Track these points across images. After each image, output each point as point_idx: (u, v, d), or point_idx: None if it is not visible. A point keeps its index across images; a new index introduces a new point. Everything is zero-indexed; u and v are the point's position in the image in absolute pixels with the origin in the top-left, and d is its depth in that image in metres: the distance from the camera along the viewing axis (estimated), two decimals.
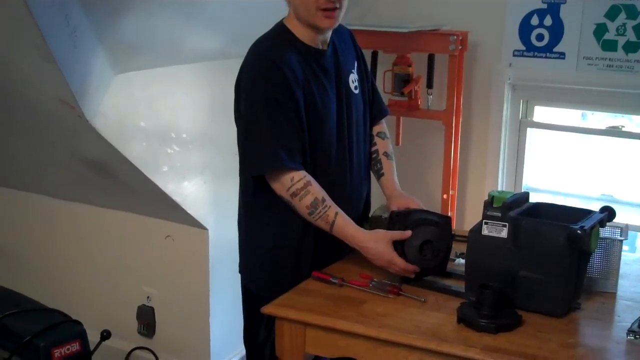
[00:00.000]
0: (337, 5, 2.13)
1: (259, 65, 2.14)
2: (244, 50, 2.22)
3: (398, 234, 2.13)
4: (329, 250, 2.26)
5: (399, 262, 2.10)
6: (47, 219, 3.49)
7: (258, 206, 2.25)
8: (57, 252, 3.50)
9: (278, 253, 2.25)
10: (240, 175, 2.27)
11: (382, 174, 2.44)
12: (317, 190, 2.12)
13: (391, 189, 2.41)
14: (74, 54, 2.36)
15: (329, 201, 2.13)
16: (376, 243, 2.13)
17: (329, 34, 2.24)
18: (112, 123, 2.69)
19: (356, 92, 2.33)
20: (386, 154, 2.46)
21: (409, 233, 2.14)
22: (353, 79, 2.32)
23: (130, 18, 2.49)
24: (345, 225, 2.14)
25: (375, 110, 2.46)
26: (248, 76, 2.15)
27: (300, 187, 2.10)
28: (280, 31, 2.20)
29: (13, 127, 2.94)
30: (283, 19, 2.23)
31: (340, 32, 2.33)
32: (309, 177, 2.13)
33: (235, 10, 2.84)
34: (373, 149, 2.45)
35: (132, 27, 2.53)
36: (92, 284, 3.43)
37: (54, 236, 3.49)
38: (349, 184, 2.31)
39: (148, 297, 3.31)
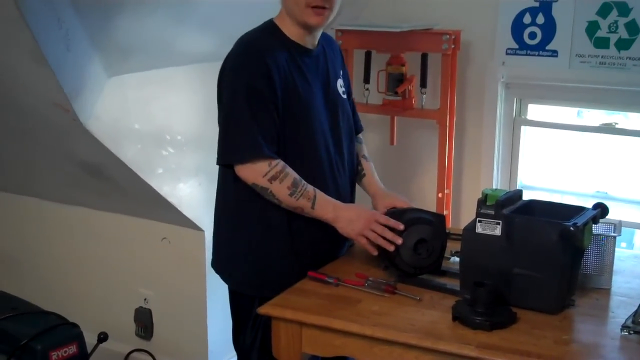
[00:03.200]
0: (327, 5, 2.15)
1: (243, 56, 2.15)
2: None
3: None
4: (312, 244, 2.25)
5: (381, 218, 2.13)
6: (42, 222, 3.49)
7: (238, 202, 2.22)
8: (54, 255, 3.51)
9: (262, 249, 2.23)
10: (219, 172, 2.27)
11: (364, 174, 2.46)
12: (294, 172, 2.14)
13: (375, 187, 2.43)
14: (67, 57, 2.37)
15: (304, 181, 2.14)
16: (357, 206, 2.22)
17: (318, 34, 2.26)
18: (107, 125, 2.70)
19: (344, 96, 2.35)
20: (364, 157, 2.49)
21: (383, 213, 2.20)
22: (340, 83, 2.35)
23: (123, 20, 2.49)
24: (327, 198, 2.17)
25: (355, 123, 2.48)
26: (231, 66, 2.16)
27: (279, 170, 2.11)
28: (268, 27, 2.22)
29: (7, 130, 2.95)
30: (273, 17, 2.25)
31: (331, 42, 2.37)
32: (281, 160, 2.13)
33: (228, 12, 2.84)
34: None
35: (125, 30, 2.54)
36: (89, 287, 3.43)
37: (50, 239, 3.50)
38: (341, 185, 2.32)
39: (145, 299, 3.31)
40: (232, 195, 2.24)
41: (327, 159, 2.26)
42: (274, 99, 2.11)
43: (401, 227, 2.13)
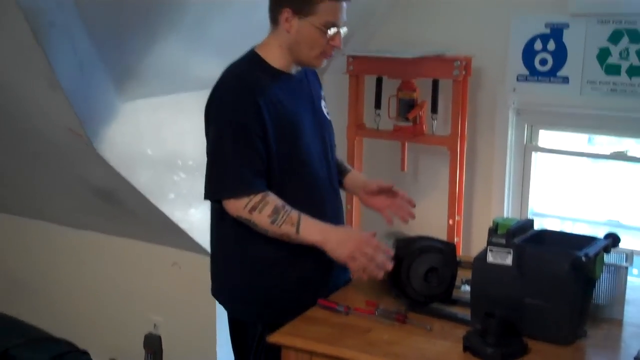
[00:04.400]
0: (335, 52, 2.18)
1: (230, 89, 2.15)
2: None
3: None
4: (315, 269, 2.24)
5: (373, 241, 2.07)
6: (53, 246, 3.50)
7: (236, 230, 2.20)
8: (64, 280, 3.51)
9: (262, 276, 2.22)
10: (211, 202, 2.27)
11: (349, 170, 2.49)
12: (275, 199, 2.10)
13: (361, 178, 2.48)
14: (81, 83, 2.39)
15: (288, 207, 2.10)
16: (347, 228, 2.16)
17: None
18: (119, 151, 2.71)
19: (329, 117, 2.36)
20: (343, 162, 2.52)
21: (373, 232, 2.12)
22: (324, 104, 2.36)
23: (137, 47, 2.52)
24: (313, 221, 2.11)
25: None
26: (219, 101, 2.15)
27: (258, 200, 2.08)
28: (253, 59, 2.22)
29: (21, 154, 2.97)
30: (254, 47, 2.24)
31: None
32: (266, 190, 2.11)
33: (240, 38, 2.85)
34: None
35: (139, 56, 2.56)
36: (99, 312, 3.44)
37: (61, 264, 3.51)
38: (337, 205, 2.33)
39: (155, 325, 3.31)
40: (229, 224, 2.21)
41: (322, 178, 2.27)
42: (261, 133, 2.10)
43: (392, 253, 2.09)
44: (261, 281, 2.23)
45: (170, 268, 3.20)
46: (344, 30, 2.18)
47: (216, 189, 2.16)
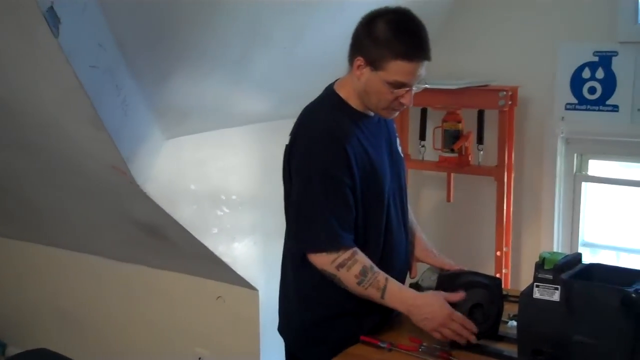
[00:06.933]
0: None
1: (317, 137, 2.07)
2: (293, 111, 2.21)
3: (450, 295, 2.10)
4: (375, 317, 2.21)
5: (458, 317, 2.04)
6: (100, 279, 3.55)
7: (315, 278, 2.15)
8: (110, 313, 3.55)
9: (324, 316, 2.20)
10: (287, 236, 2.24)
11: (414, 235, 2.41)
12: (364, 258, 2.08)
13: (425, 247, 2.40)
14: (125, 122, 2.42)
15: (376, 268, 2.08)
16: (432, 301, 2.08)
17: None
18: (163, 187, 2.73)
19: (402, 155, 2.34)
20: (412, 219, 2.45)
21: (461, 295, 2.09)
22: (399, 142, 2.34)
23: (180, 84, 2.54)
24: (398, 288, 2.09)
25: None
26: (305, 148, 2.09)
27: (347, 257, 2.05)
28: (334, 102, 2.15)
29: (67, 190, 3.02)
30: (333, 84, 2.19)
31: None
32: (355, 247, 2.08)
33: (283, 72, 2.87)
34: None
35: (182, 93, 2.58)
36: (145, 345, 3.45)
37: (107, 297, 3.54)
38: (406, 248, 2.30)
39: (200, 358, 3.31)
40: (310, 271, 2.14)
41: (396, 222, 2.23)
42: (350, 182, 2.06)
43: (476, 330, 2.05)
44: (334, 328, 2.20)
45: (215, 301, 3.20)
46: (418, 87, 2.11)
47: (305, 242, 2.12)
